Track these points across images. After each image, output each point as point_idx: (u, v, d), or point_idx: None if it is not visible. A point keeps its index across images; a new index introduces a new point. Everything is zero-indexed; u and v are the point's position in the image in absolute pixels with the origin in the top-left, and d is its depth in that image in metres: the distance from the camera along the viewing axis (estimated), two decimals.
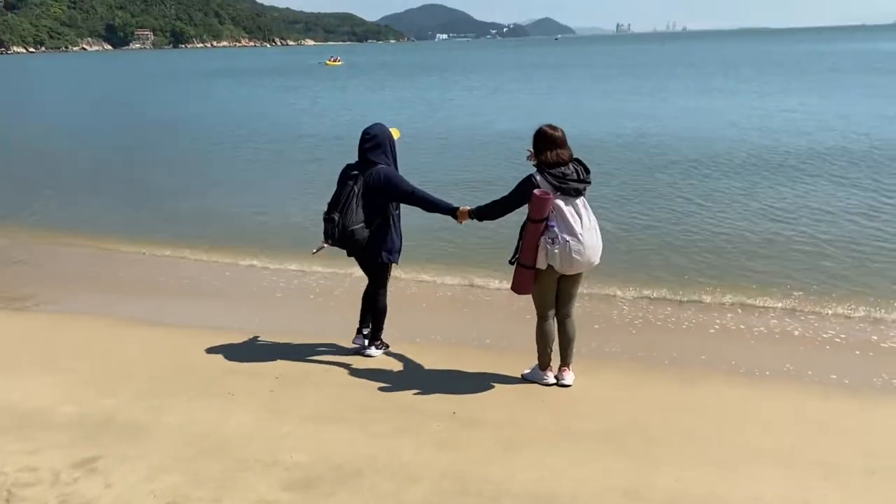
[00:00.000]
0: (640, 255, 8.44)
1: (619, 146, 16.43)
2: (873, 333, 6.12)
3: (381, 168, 5.11)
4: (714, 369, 5.43)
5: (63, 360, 5.65)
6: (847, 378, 5.25)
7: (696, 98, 28.14)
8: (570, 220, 4.57)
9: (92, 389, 5.04)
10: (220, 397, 4.88)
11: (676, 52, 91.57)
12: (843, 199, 10.83)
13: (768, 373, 5.34)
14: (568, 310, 4.95)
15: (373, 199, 5.08)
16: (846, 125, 18.48)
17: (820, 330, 6.21)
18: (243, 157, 17.25)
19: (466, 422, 4.49)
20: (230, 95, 39.94)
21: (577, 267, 4.65)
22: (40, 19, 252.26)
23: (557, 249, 4.55)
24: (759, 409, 4.72)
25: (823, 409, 4.76)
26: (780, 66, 49.79)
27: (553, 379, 5.04)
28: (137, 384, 5.10)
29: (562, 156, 4.64)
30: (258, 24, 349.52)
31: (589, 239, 4.60)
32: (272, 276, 8.07)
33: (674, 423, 4.47)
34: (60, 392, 4.98)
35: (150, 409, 4.70)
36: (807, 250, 8.43)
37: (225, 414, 4.62)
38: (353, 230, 5.03)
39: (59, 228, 10.67)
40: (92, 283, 8.04)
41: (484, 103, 29.64)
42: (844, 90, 28.90)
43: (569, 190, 4.58)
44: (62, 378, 5.26)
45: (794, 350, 5.82)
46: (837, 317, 6.49)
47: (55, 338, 6.24)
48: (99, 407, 4.74)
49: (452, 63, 79.18)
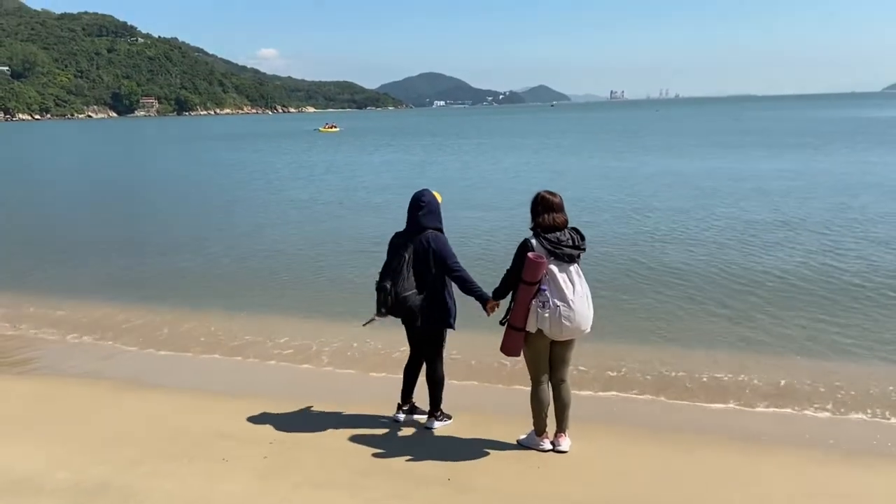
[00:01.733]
0: (639, 320, 8.48)
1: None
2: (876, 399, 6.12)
3: (431, 234, 5.12)
4: (712, 436, 5.42)
5: (56, 425, 5.63)
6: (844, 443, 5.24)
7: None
8: (563, 285, 4.64)
9: (85, 455, 5.01)
10: (214, 463, 4.85)
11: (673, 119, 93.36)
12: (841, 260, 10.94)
13: (764, 438, 5.33)
14: (562, 375, 4.97)
15: (423, 265, 5.08)
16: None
17: (813, 395, 6.21)
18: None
19: (461, 488, 4.47)
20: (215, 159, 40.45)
21: (566, 333, 4.69)
22: (47, 87, 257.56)
23: (548, 314, 4.61)
24: (759, 475, 4.69)
25: (823, 474, 4.74)
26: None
27: (549, 445, 5.02)
28: (131, 450, 5.08)
29: (557, 220, 4.74)
30: (261, 92, 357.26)
31: (580, 306, 4.66)
32: (267, 342, 8.07)
33: (671, 492, 4.45)
34: (53, 458, 4.96)
35: (143, 476, 4.67)
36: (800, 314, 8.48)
37: (217, 481, 4.60)
38: (406, 297, 5.01)
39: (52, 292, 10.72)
40: (86, 346, 8.05)
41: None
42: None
43: (562, 255, 4.66)
44: (55, 443, 5.24)
45: (789, 415, 5.82)
46: (833, 387, 6.48)
47: (47, 402, 6.22)
48: (92, 473, 4.71)
49: (459, 128, 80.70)
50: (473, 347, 7.46)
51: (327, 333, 8.20)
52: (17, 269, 12.45)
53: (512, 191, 21.09)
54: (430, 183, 10.60)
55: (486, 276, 6.11)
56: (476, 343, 7.50)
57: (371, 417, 5.66)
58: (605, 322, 6.57)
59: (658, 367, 6.91)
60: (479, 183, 24.06)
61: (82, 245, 14.78)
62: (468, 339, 7.60)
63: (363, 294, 9.41)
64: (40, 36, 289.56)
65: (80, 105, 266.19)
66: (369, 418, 5.65)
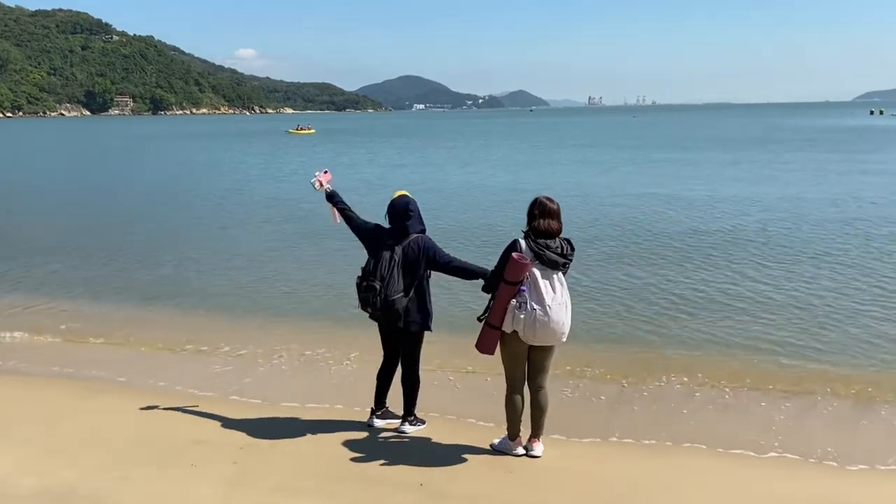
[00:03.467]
0: (617, 328, 8.54)
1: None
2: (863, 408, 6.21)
3: (419, 238, 5.15)
4: (686, 442, 5.44)
5: (22, 429, 5.53)
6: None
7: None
8: (543, 289, 4.64)
9: (54, 460, 4.92)
10: (184, 468, 4.79)
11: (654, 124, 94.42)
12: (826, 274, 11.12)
13: (742, 444, 5.37)
14: (540, 381, 4.97)
15: (411, 269, 5.09)
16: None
17: (801, 406, 6.29)
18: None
19: (433, 494, 4.46)
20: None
21: (540, 337, 4.70)
22: (19, 85, 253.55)
23: (523, 315, 4.63)
24: (736, 481, 4.73)
25: (800, 483, 4.80)
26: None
27: (522, 450, 5.03)
28: (100, 455, 5.00)
29: (552, 226, 4.76)
30: (238, 92, 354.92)
31: (556, 313, 4.66)
32: (238, 344, 8.00)
33: (646, 498, 4.47)
34: (19, 463, 4.87)
35: (112, 481, 4.60)
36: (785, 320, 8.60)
37: (187, 487, 4.54)
38: (395, 299, 5.01)
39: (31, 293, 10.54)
40: (54, 347, 7.92)
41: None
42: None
43: (547, 260, 4.66)
44: (21, 448, 5.14)
45: (770, 423, 5.88)
46: (823, 393, 6.49)
47: (13, 404, 6.10)
48: (60, 479, 4.63)
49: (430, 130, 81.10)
50: (450, 351, 7.46)
51: (299, 335, 8.16)
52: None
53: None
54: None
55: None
56: (452, 346, 7.51)
57: (344, 422, 5.63)
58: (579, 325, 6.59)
59: (633, 371, 6.96)
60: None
61: (47, 246, 14.51)
62: (444, 341, 7.60)
63: (339, 294, 9.43)
64: (13, 33, 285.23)
65: (53, 103, 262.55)
66: (342, 423, 5.62)
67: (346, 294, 5.42)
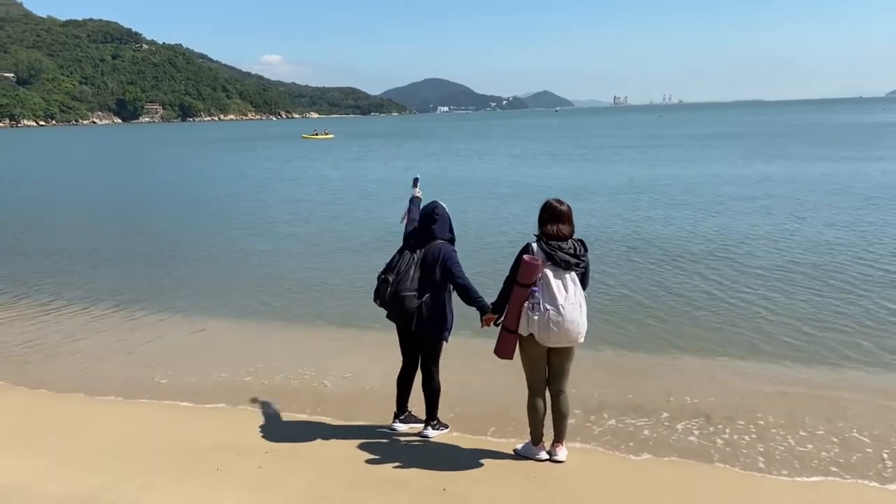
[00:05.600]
0: (654, 330, 8.41)
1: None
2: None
3: (441, 245, 5.18)
4: (712, 451, 5.29)
5: (46, 436, 5.59)
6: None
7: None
8: (555, 290, 4.59)
9: (79, 467, 4.97)
10: (208, 474, 4.81)
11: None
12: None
13: (772, 457, 5.25)
14: (560, 386, 4.91)
15: (428, 273, 5.11)
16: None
17: (829, 410, 6.14)
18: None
19: (456, 499, 4.42)
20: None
21: (554, 339, 4.61)
22: (51, 94, 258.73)
23: (537, 317, 4.58)
24: (761, 492, 4.61)
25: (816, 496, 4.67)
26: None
27: (545, 455, 4.98)
28: (124, 461, 5.04)
29: (562, 231, 4.71)
30: (264, 98, 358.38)
31: (570, 313, 4.58)
32: (262, 351, 8.03)
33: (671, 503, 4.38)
34: (44, 470, 4.92)
35: (137, 488, 4.63)
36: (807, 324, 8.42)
37: (212, 493, 4.55)
38: (405, 296, 5.05)
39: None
40: (79, 355, 8.02)
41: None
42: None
43: (559, 260, 4.61)
44: (46, 455, 5.20)
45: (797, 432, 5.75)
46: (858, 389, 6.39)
47: (38, 413, 6.17)
48: (84, 485, 4.67)
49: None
50: (471, 355, 7.40)
51: (320, 341, 8.17)
52: (7, 275, 12.44)
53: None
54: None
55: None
56: (474, 350, 7.46)
57: (367, 427, 5.62)
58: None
59: (661, 381, 6.83)
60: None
61: (71, 252, 14.73)
62: (466, 345, 7.56)
63: (361, 296, 9.43)
64: (45, 43, 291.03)
65: (85, 111, 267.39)
66: (365, 428, 5.61)
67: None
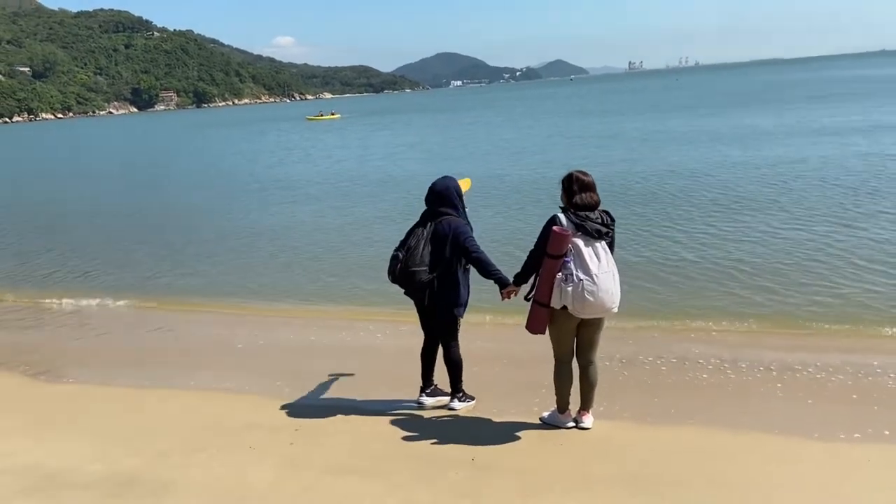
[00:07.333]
0: (679, 296, 8.40)
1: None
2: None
3: (451, 219, 5.16)
4: (738, 416, 5.29)
5: (86, 422, 5.75)
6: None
7: None
8: (588, 259, 4.52)
9: (117, 449, 5.11)
10: (241, 451, 4.93)
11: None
12: None
13: (799, 424, 5.16)
14: (590, 356, 4.90)
15: (438, 248, 5.11)
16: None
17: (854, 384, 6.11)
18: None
19: (485, 468, 4.49)
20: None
21: (589, 309, 4.57)
22: (67, 86, 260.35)
23: (570, 288, 4.51)
24: (784, 456, 4.58)
25: (840, 456, 4.68)
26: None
27: (572, 422, 5.03)
28: (161, 442, 5.17)
29: (592, 199, 4.66)
30: (277, 80, 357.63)
31: (604, 282, 4.53)
32: (288, 328, 8.15)
33: (695, 468, 4.41)
34: (85, 453, 5.06)
35: (173, 467, 4.76)
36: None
37: (246, 469, 4.67)
38: (415, 271, 5.07)
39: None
40: (112, 345, 8.20)
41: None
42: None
43: (589, 230, 4.56)
44: (86, 439, 5.35)
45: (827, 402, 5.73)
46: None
47: (75, 401, 6.33)
48: (124, 466, 4.81)
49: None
50: (495, 326, 7.48)
51: (350, 318, 8.27)
52: (39, 265, 12.68)
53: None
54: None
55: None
56: (498, 321, 7.53)
57: (394, 401, 5.70)
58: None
59: (686, 346, 6.84)
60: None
61: (106, 244, 14.96)
62: (490, 317, 7.63)
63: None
64: (58, 35, 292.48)
65: (102, 102, 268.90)
66: (392, 402, 5.69)
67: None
